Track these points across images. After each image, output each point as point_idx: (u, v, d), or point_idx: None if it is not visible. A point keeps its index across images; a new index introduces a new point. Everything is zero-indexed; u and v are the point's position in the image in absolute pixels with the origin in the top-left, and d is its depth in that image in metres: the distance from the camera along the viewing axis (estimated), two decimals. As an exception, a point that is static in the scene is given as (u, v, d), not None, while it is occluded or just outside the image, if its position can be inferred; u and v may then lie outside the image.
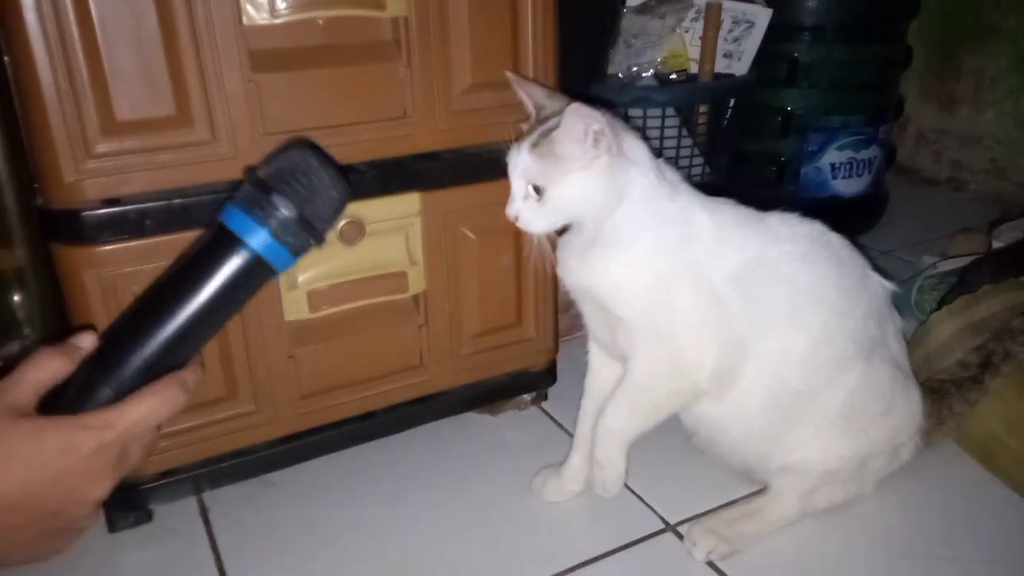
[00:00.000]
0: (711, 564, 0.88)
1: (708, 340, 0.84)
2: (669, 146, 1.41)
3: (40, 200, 0.80)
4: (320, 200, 0.58)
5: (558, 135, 0.77)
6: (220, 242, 0.57)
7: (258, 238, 0.56)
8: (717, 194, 0.88)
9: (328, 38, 0.84)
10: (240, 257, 0.56)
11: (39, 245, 0.89)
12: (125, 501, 0.92)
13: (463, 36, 0.89)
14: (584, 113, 0.75)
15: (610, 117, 0.78)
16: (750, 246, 0.85)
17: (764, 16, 1.48)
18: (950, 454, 1.04)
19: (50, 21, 0.71)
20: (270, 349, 0.91)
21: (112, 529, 0.93)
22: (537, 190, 0.79)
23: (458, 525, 0.95)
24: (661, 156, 0.86)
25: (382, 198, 0.91)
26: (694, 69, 1.47)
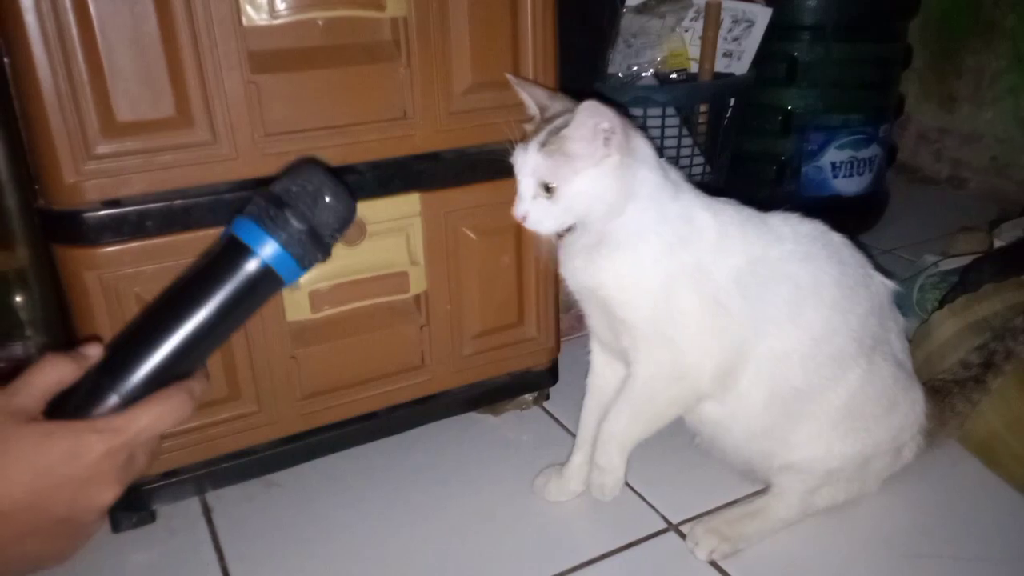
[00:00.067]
0: (713, 563, 0.88)
1: (710, 343, 0.84)
2: (669, 146, 1.41)
3: (41, 201, 0.80)
4: (328, 214, 0.59)
5: (568, 133, 0.76)
6: (230, 252, 0.57)
7: (268, 248, 0.57)
8: (718, 194, 0.88)
9: (327, 39, 0.84)
10: (250, 267, 0.57)
11: (40, 246, 0.89)
12: (129, 501, 0.92)
13: (463, 36, 0.89)
14: (596, 111, 0.74)
15: (620, 116, 0.78)
16: (752, 245, 0.85)
17: (764, 15, 1.48)
18: (952, 453, 1.04)
19: (50, 22, 0.72)
20: (272, 350, 0.91)
21: (116, 529, 0.94)
22: (547, 189, 0.79)
23: (460, 525, 0.95)
24: (662, 156, 0.86)
25: (383, 199, 0.91)
26: (694, 68, 1.47)
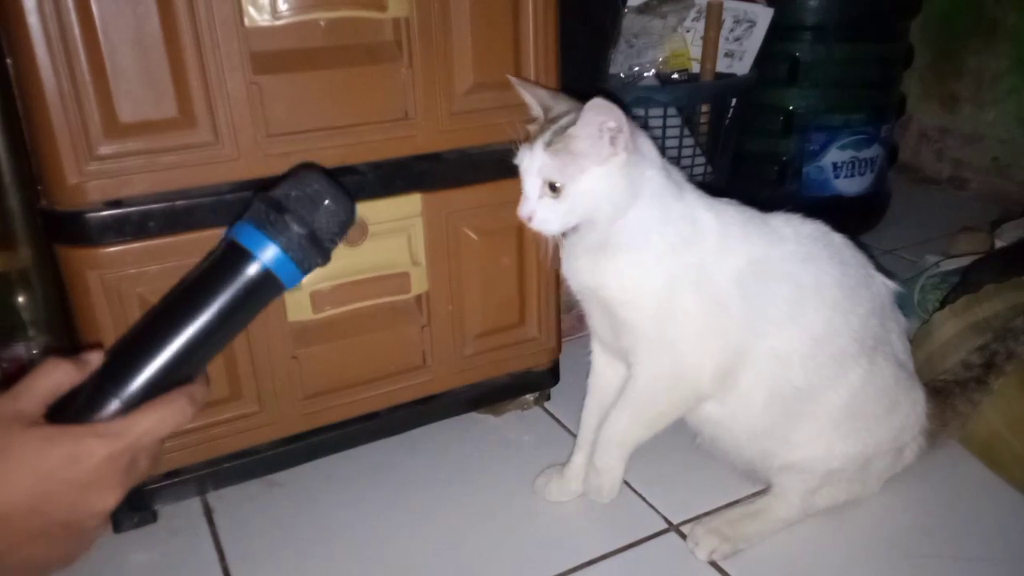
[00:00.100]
0: (714, 564, 0.88)
1: (710, 344, 0.84)
2: (671, 146, 1.41)
3: (44, 202, 0.80)
4: (328, 218, 0.59)
5: (575, 131, 0.76)
6: (230, 257, 0.57)
7: (269, 252, 0.57)
8: (719, 194, 0.89)
9: (329, 39, 0.84)
10: (250, 271, 0.57)
11: (43, 246, 0.89)
12: (130, 501, 0.91)
13: (464, 37, 0.90)
14: (603, 109, 0.74)
15: (626, 115, 0.78)
16: (754, 246, 0.85)
17: (765, 15, 1.48)
18: (953, 453, 1.04)
19: (52, 23, 0.72)
20: (274, 350, 0.91)
21: (117, 529, 0.94)
22: (553, 188, 0.78)
23: (461, 525, 0.95)
24: (663, 156, 0.86)
25: (384, 199, 0.91)
26: (696, 69, 1.47)
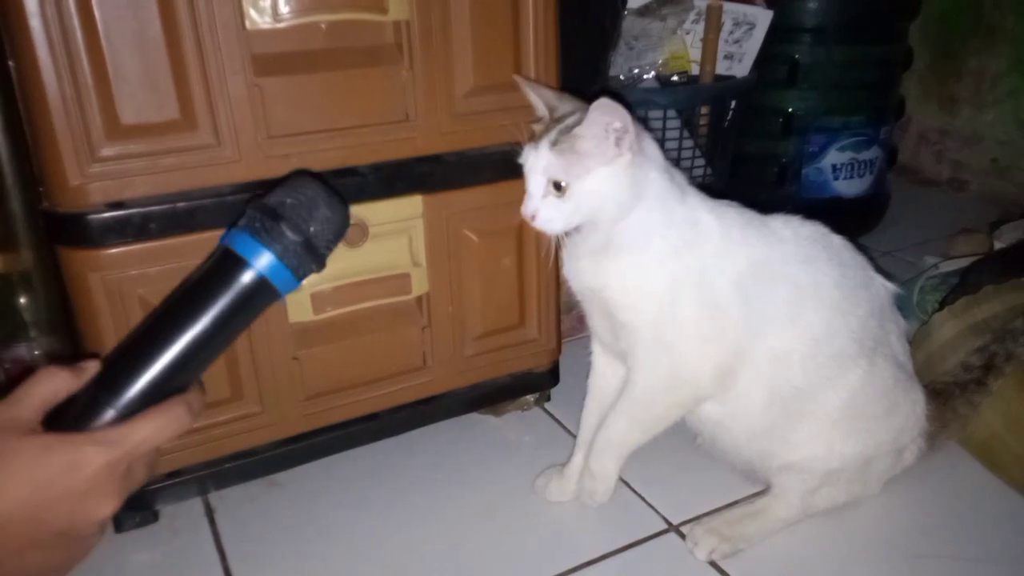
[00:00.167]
0: (713, 564, 0.88)
1: (709, 346, 0.84)
2: (670, 148, 1.41)
3: (45, 203, 0.80)
4: (323, 225, 0.59)
5: (580, 131, 0.77)
6: (225, 264, 0.57)
7: (264, 260, 0.56)
8: (719, 196, 0.89)
9: (330, 42, 0.85)
10: (245, 279, 0.56)
11: (45, 248, 0.89)
12: (131, 501, 0.91)
13: (465, 39, 0.90)
14: (609, 109, 0.75)
15: (632, 116, 0.78)
16: (754, 248, 0.85)
17: (765, 18, 1.48)
18: (952, 455, 1.04)
19: (54, 26, 0.72)
20: (275, 351, 0.92)
21: (118, 529, 0.94)
22: (558, 188, 0.79)
23: (461, 525, 0.95)
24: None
25: (385, 200, 0.92)
26: (695, 71, 1.47)
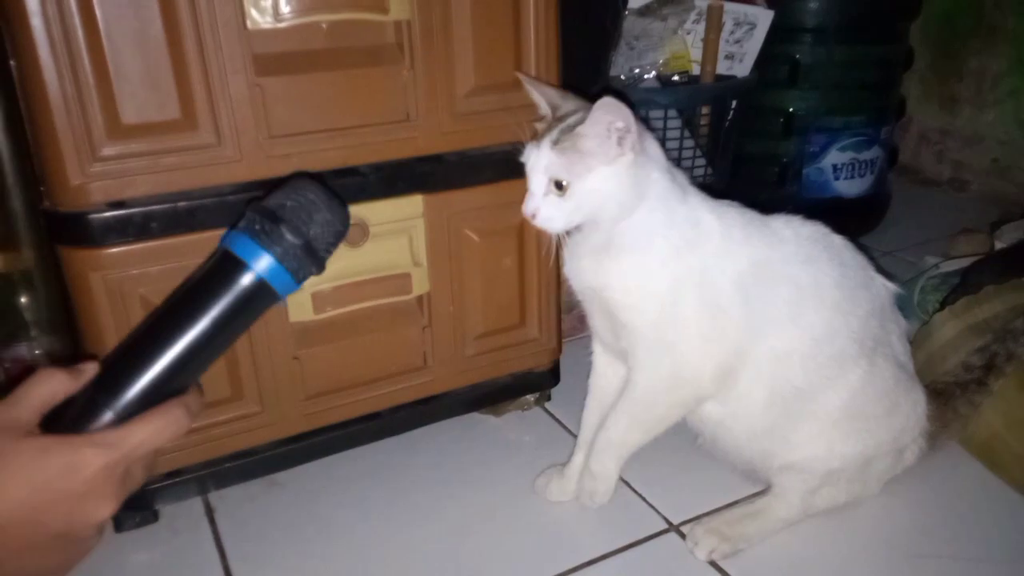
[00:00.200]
0: (713, 564, 0.88)
1: (710, 346, 0.84)
2: (671, 148, 1.41)
3: (46, 203, 0.80)
4: (323, 228, 0.59)
5: (583, 130, 0.77)
6: (224, 267, 0.57)
7: (263, 263, 0.56)
8: (720, 196, 0.89)
9: (331, 42, 0.85)
10: (244, 281, 0.56)
11: (46, 247, 0.89)
12: (131, 501, 0.91)
13: (466, 39, 0.90)
14: (612, 108, 0.74)
15: (634, 116, 0.78)
16: (755, 248, 0.85)
17: (766, 18, 1.48)
18: (952, 455, 1.04)
19: (56, 26, 0.72)
20: (275, 350, 0.92)
21: (118, 529, 0.94)
22: (559, 186, 0.78)
23: (462, 525, 0.95)
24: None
25: (386, 200, 0.92)
26: (696, 71, 1.47)
